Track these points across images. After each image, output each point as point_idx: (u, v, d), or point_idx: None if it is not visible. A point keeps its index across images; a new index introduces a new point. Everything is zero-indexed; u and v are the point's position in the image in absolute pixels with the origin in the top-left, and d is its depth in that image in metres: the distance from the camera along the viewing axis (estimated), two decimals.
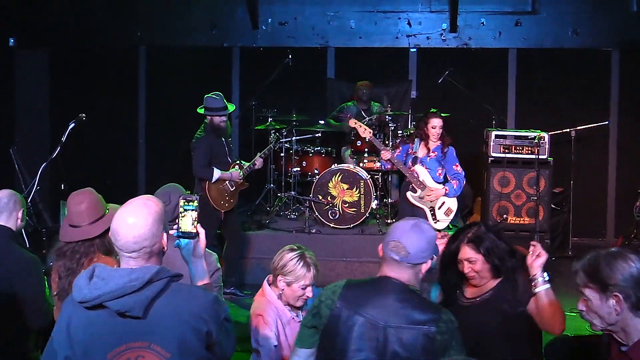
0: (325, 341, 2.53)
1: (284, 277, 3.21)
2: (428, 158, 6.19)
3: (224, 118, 6.13)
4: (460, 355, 2.39)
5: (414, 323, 2.42)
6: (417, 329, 2.41)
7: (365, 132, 6.33)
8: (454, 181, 6.15)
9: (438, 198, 6.18)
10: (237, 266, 6.53)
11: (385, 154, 6.20)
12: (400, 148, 6.38)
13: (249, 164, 6.38)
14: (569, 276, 2.59)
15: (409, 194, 6.23)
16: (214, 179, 6.05)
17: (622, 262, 2.20)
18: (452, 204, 6.21)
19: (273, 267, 3.28)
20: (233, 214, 6.38)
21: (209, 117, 6.07)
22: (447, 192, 6.11)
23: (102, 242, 3.10)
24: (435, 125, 6.14)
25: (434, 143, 6.20)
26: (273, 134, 7.05)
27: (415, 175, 6.13)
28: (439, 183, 6.15)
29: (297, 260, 3.21)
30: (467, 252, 3.11)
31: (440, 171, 6.20)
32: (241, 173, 6.25)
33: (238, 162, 6.37)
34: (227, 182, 6.18)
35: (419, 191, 6.13)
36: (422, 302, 2.53)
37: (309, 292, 3.23)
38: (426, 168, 6.21)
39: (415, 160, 6.21)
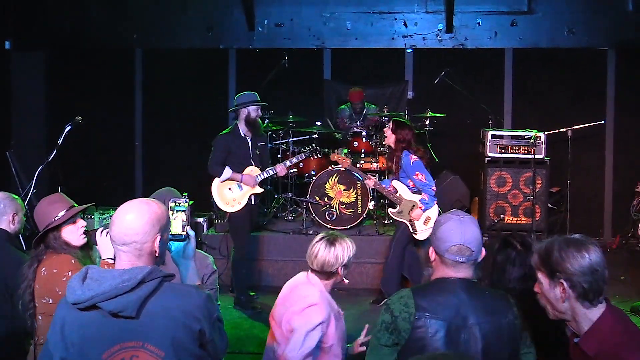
0: (410, 355, 2.38)
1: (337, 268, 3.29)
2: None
3: (259, 111, 6.10)
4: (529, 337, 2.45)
5: (493, 314, 2.42)
6: (499, 319, 2.42)
7: (345, 163, 6.31)
8: (423, 194, 5.88)
9: (419, 218, 5.92)
10: (239, 269, 6.37)
11: (369, 182, 6.16)
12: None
13: (269, 168, 6.12)
14: None
15: (389, 210, 6.09)
16: (222, 178, 5.94)
17: (576, 250, 2.15)
18: (431, 212, 5.93)
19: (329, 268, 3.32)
20: (239, 218, 6.08)
21: (246, 111, 5.97)
22: (422, 209, 5.89)
23: (55, 240, 3.24)
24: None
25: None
26: (308, 147, 6.82)
27: (394, 191, 5.99)
28: (415, 193, 5.93)
29: (324, 247, 3.29)
30: None
31: (410, 181, 5.94)
32: (258, 176, 6.02)
33: (260, 167, 6.11)
34: (236, 183, 5.99)
35: (397, 206, 5.99)
36: (490, 293, 2.53)
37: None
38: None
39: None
